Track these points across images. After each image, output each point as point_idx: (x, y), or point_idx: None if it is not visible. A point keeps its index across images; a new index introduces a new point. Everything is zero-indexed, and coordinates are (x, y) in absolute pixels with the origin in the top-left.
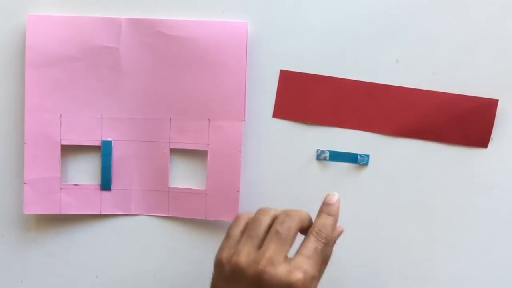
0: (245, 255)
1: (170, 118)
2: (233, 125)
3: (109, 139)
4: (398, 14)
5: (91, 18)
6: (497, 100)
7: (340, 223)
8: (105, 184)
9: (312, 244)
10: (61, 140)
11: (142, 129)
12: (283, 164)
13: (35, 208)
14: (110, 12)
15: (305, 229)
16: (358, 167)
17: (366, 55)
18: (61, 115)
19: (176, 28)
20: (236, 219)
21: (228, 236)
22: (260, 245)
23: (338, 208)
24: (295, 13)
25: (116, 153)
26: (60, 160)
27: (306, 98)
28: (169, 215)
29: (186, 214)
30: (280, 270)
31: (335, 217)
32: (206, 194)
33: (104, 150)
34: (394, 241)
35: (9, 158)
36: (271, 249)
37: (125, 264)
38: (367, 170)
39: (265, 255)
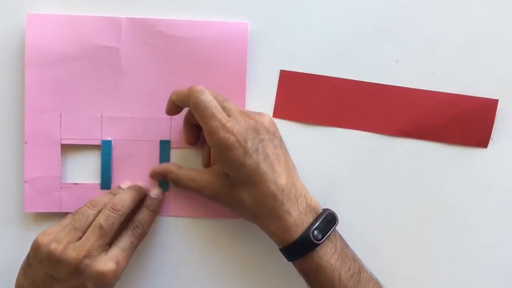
0: (64, 245)
1: (171, 118)
2: None
3: (109, 139)
4: (398, 14)
5: (91, 17)
6: (497, 100)
7: (340, 223)
8: (105, 183)
9: (129, 238)
10: (61, 139)
11: (142, 129)
12: None
13: (35, 206)
14: (110, 12)
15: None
16: (358, 168)
17: (366, 55)
18: (61, 114)
19: (176, 28)
20: (76, 211)
21: (60, 223)
22: (81, 236)
23: (159, 203)
24: (295, 13)
25: (116, 153)
26: (60, 159)
27: (306, 98)
28: (169, 215)
29: (187, 213)
30: (97, 261)
31: (154, 212)
32: None
33: (104, 150)
34: (394, 241)
35: (10, 157)
36: (91, 241)
37: None
38: (367, 170)
39: (84, 247)
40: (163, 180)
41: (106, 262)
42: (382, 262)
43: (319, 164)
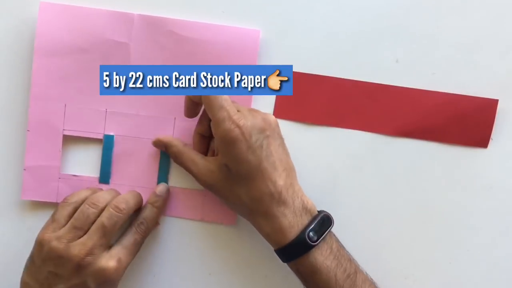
0: (65, 243)
1: (175, 118)
2: None
3: (111, 133)
4: (398, 14)
5: (104, 10)
6: (497, 100)
7: (340, 223)
8: (104, 177)
9: (132, 236)
10: (63, 130)
11: (145, 126)
12: None
13: (32, 194)
14: (124, 7)
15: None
16: (357, 168)
17: (366, 55)
18: (65, 105)
19: (189, 29)
20: (63, 203)
21: (53, 219)
22: (82, 235)
23: (164, 200)
24: (295, 14)
25: (117, 148)
26: (61, 149)
27: (306, 98)
28: (166, 215)
29: (183, 214)
30: (99, 259)
31: (159, 209)
32: (205, 195)
33: (106, 144)
34: (394, 241)
35: (11, 144)
36: (93, 240)
37: None
38: (367, 170)
39: (86, 245)
40: (164, 150)
41: (107, 260)
42: (382, 262)
43: (319, 164)
